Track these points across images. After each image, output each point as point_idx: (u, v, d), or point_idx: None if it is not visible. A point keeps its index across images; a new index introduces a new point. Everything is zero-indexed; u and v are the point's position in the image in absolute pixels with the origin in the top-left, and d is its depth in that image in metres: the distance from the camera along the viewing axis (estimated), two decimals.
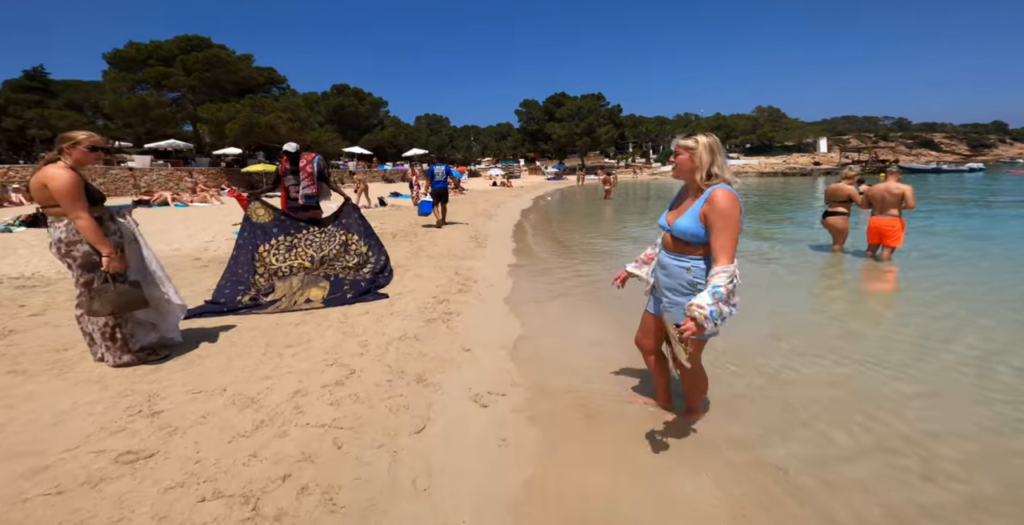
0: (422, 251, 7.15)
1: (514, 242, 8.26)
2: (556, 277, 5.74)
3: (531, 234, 9.68)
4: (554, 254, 7.36)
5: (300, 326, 3.83)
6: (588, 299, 4.76)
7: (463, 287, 5.04)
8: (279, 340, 3.52)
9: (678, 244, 2.02)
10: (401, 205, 16.09)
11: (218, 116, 21.08)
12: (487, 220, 11.33)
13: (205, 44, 23.99)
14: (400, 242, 8.06)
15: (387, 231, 9.14)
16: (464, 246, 7.57)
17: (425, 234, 8.86)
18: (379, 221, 10.77)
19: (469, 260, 6.56)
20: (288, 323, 3.91)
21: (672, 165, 2.06)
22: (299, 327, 3.81)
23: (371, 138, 44.01)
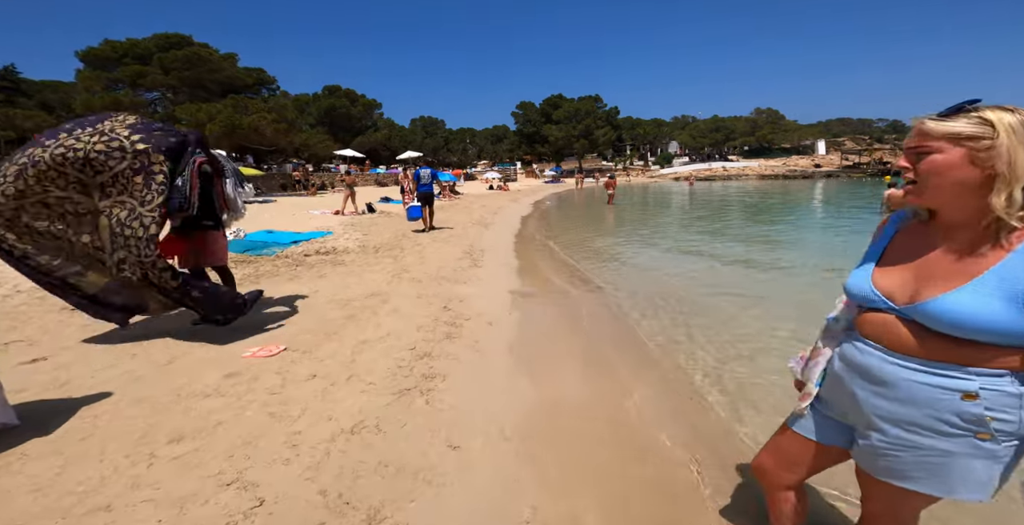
0: (406, 272, 6.00)
1: (516, 258, 7.13)
2: (575, 311, 4.61)
3: (536, 248, 8.55)
4: (566, 275, 6.23)
5: (211, 398, 2.68)
6: (629, 350, 3.64)
7: (453, 329, 3.89)
8: (168, 422, 2.37)
9: (941, 343, 0.95)
10: (391, 211, 14.94)
11: (197, 117, 19.86)
12: (483, 230, 10.19)
13: (185, 42, 22.80)
14: (382, 258, 6.91)
15: (370, 244, 7.99)
16: (456, 265, 6.43)
17: (412, 247, 7.72)
18: (363, 231, 9.62)
19: (462, 285, 5.41)
20: (197, 390, 2.76)
21: (899, 174, 0.97)
22: (209, 399, 2.66)
23: (364, 140, 42.86)
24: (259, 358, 3.28)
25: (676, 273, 6.25)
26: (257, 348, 3.43)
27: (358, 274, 5.91)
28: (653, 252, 7.87)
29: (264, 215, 12.28)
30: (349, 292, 5.04)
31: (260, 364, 3.18)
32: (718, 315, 4.42)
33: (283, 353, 3.37)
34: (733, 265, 6.71)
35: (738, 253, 7.58)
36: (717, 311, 4.55)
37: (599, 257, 7.55)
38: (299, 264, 6.45)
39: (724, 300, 4.91)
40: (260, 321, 4.07)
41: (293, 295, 4.94)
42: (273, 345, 3.48)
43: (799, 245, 8.38)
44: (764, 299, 4.92)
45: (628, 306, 4.76)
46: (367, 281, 5.54)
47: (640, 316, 4.44)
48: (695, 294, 5.18)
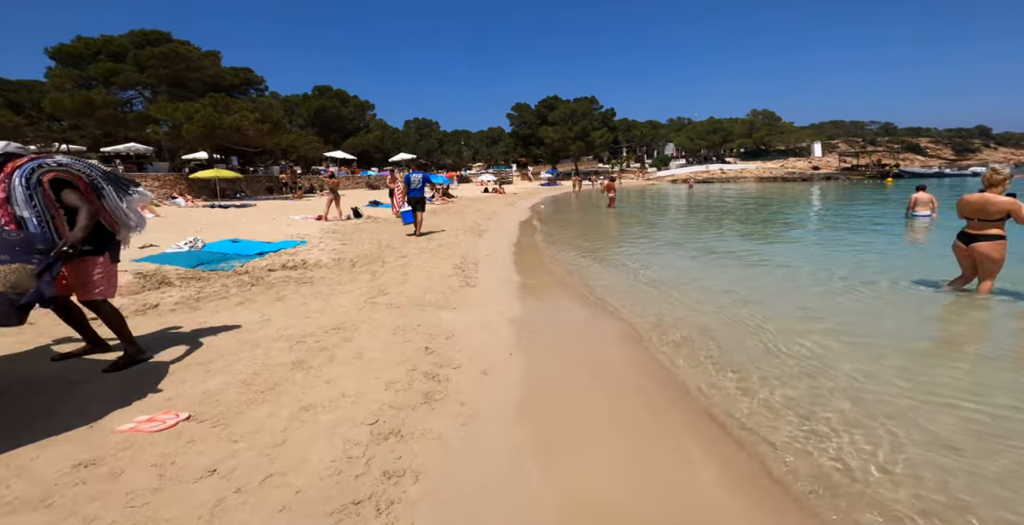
0: (383, 294, 4.97)
1: (516, 273, 6.11)
2: (597, 351, 3.61)
3: (538, 260, 7.54)
4: (577, 296, 5.22)
5: (15, 516, 1.64)
6: (675, 410, 2.63)
7: (435, 385, 2.87)
8: None
9: None
10: (379, 216, 13.92)
11: (174, 116, 18.73)
12: (477, 238, 9.17)
13: (163, 39, 21.67)
14: (359, 275, 5.88)
15: (347, 256, 6.94)
16: (445, 284, 5.40)
17: (396, 261, 6.69)
18: (343, 240, 8.57)
19: (451, 312, 4.40)
20: None
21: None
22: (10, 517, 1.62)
23: (355, 142, 41.74)
24: (142, 433, 2.24)
25: (714, 291, 5.25)
26: (145, 417, 2.39)
27: (325, 297, 4.87)
28: (674, 263, 6.88)
29: (238, 221, 11.21)
30: (308, 324, 4.00)
31: (140, 444, 2.15)
32: (793, 354, 3.42)
33: (183, 424, 2.34)
34: (783, 279, 5.73)
35: (781, 260, 6.61)
36: (790, 347, 3.54)
37: (611, 271, 6.55)
38: (257, 282, 5.40)
39: (801, 324, 3.92)
40: (165, 370, 3.02)
41: (234, 326, 3.90)
42: (171, 412, 2.45)
43: (848, 251, 7.43)
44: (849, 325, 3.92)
45: (663, 341, 3.75)
46: (334, 307, 4.51)
47: (679, 354, 3.44)
48: (748, 322, 4.18)
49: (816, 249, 8.13)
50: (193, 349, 3.43)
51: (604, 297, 5.15)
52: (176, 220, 10.69)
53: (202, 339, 3.65)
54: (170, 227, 9.50)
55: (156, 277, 5.47)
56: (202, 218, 11.30)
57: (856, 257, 7.00)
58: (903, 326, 4.09)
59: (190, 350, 3.41)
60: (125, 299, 4.61)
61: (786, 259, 7.03)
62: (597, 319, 4.40)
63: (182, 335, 3.74)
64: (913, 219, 11.23)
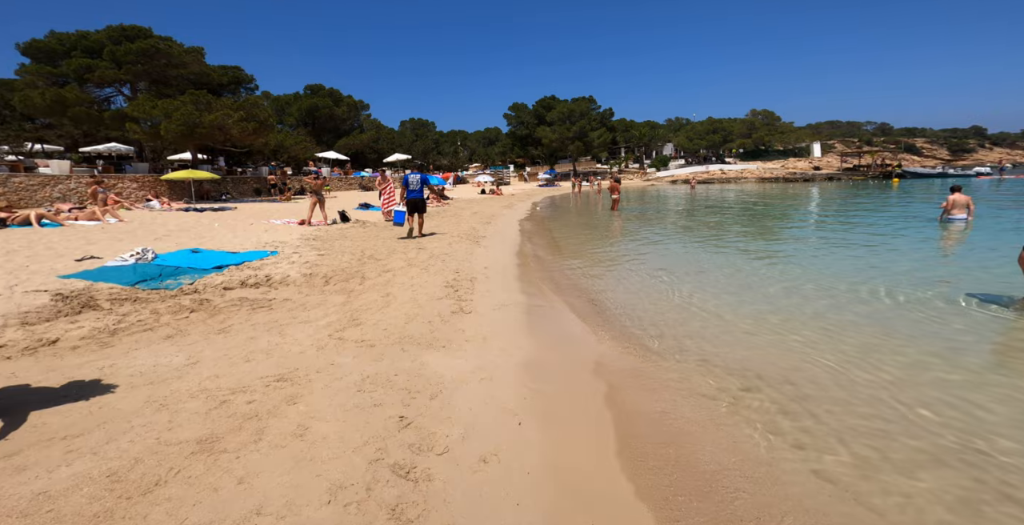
0: (356, 322, 3.98)
1: (522, 294, 5.11)
2: (656, 417, 2.64)
3: (545, 274, 6.55)
4: (601, 324, 4.24)
5: None
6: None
7: (406, 488, 1.89)
8: None
9: None
10: (368, 220, 12.92)
11: (152, 114, 17.63)
12: (474, 247, 8.16)
13: (143, 34, 20.56)
14: (330, 295, 4.88)
15: (322, 270, 5.93)
16: (434, 308, 4.41)
17: (378, 276, 5.69)
18: (321, 249, 7.55)
19: (438, 351, 3.41)
20: None
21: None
22: None
23: (349, 142, 40.64)
24: None
25: (786, 318, 4.28)
26: None
27: (281, 328, 3.88)
28: (716, 278, 5.92)
29: (210, 226, 10.17)
30: (246, 371, 3.01)
31: None
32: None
33: None
34: (854, 300, 4.76)
35: (835, 272, 5.65)
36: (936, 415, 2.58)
37: (641, 288, 5.57)
38: (200, 306, 4.39)
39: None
40: (6, 449, 2.03)
41: (146, 373, 2.90)
42: None
43: (902, 259, 6.49)
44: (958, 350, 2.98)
45: (737, 400, 2.78)
46: (288, 344, 3.51)
47: (783, 429, 2.46)
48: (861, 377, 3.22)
49: (864, 258, 7.18)
50: (72, 411, 2.45)
51: (631, 326, 4.17)
52: (139, 226, 9.65)
53: (94, 394, 2.66)
54: (128, 234, 8.47)
55: (80, 299, 4.46)
56: (170, 223, 10.26)
57: (912, 268, 6.05)
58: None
59: (68, 412, 2.42)
60: (19, 332, 3.59)
61: (838, 271, 6.07)
62: (647, 363, 3.41)
63: (71, 387, 2.75)
64: (948, 223, 10.33)
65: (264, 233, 9.56)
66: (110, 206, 13.57)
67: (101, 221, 9.82)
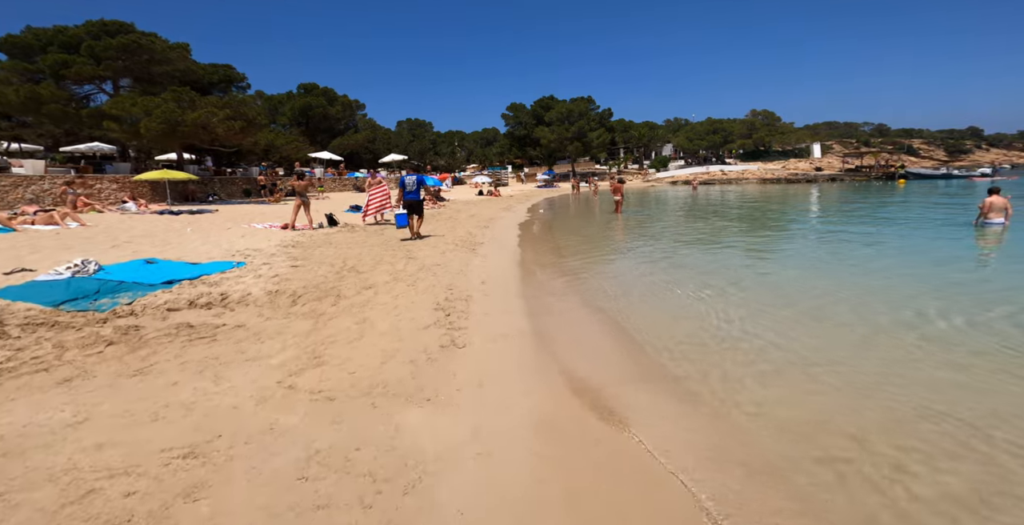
0: (317, 361, 3.13)
1: (527, 317, 4.26)
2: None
3: (554, 289, 5.71)
4: (631, 363, 3.40)
5: None
6: None
7: None
8: None
9: None
10: (358, 224, 12.06)
11: (131, 111, 16.70)
12: (470, 255, 7.31)
13: (124, 29, 19.64)
14: (296, 320, 4.02)
15: (291, 285, 5.07)
16: (419, 341, 3.56)
17: (356, 294, 4.83)
18: (297, 259, 6.69)
19: (420, 408, 2.58)
20: None
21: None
22: None
23: (343, 142, 39.72)
24: None
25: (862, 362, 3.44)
26: None
27: (219, 368, 3.03)
28: (753, 298, 5.08)
29: (182, 231, 9.29)
30: (146, 437, 2.16)
31: None
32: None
33: None
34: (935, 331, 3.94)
35: (896, 299, 4.82)
36: None
37: (660, 308, 4.73)
38: (122, 338, 3.52)
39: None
40: None
41: (10, 437, 2.04)
42: None
43: (953, 271, 5.67)
44: None
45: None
46: (221, 393, 2.66)
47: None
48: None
49: (909, 270, 6.36)
50: None
51: (666, 361, 3.32)
52: (102, 231, 8.76)
53: None
54: (84, 241, 7.59)
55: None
56: (137, 227, 9.37)
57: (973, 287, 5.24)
58: None
59: None
60: None
61: (910, 290, 5.25)
62: (712, 430, 2.56)
63: None
64: (985, 227, 9.55)
65: (240, 239, 8.69)
66: (79, 208, 12.69)
67: (60, 225, 8.93)
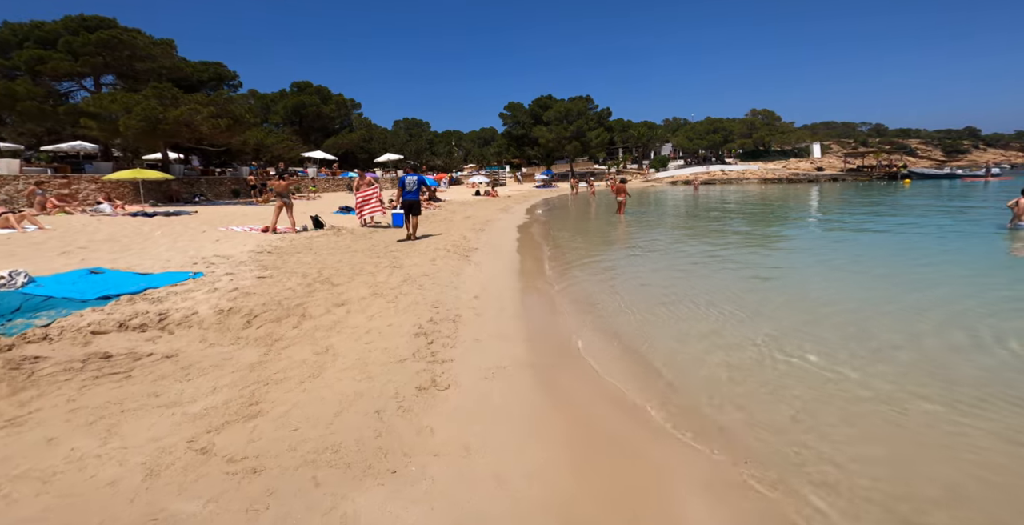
0: (254, 411, 2.39)
1: (526, 345, 3.53)
2: None
3: (559, 306, 4.98)
4: (668, 410, 2.67)
5: None
6: None
7: None
8: None
9: None
10: (346, 226, 11.32)
11: (110, 108, 15.91)
12: (463, 264, 6.55)
13: (105, 25, 18.84)
14: (243, 349, 3.28)
15: (248, 303, 4.31)
16: (391, 379, 2.81)
17: (325, 313, 4.09)
18: (266, 268, 5.93)
19: (378, 487, 1.82)
20: None
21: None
22: None
23: (337, 142, 38.91)
24: None
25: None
26: None
27: (118, 418, 2.29)
28: (794, 317, 4.36)
29: (150, 235, 8.52)
30: None
31: None
32: None
33: None
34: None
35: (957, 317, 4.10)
36: None
37: (690, 333, 4.00)
38: (19, 367, 2.78)
39: None
40: None
41: None
42: None
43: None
44: None
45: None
46: (104, 460, 1.91)
47: None
48: None
49: (952, 281, 5.65)
50: None
51: (745, 418, 2.59)
52: (60, 235, 7.99)
53: None
54: (31, 248, 6.82)
55: None
56: (102, 231, 8.60)
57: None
58: None
59: None
60: None
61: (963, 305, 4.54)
62: None
63: None
64: (1018, 230, 8.88)
65: (212, 244, 7.93)
66: (48, 210, 11.90)
67: (16, 229, 8.16)
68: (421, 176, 9.22)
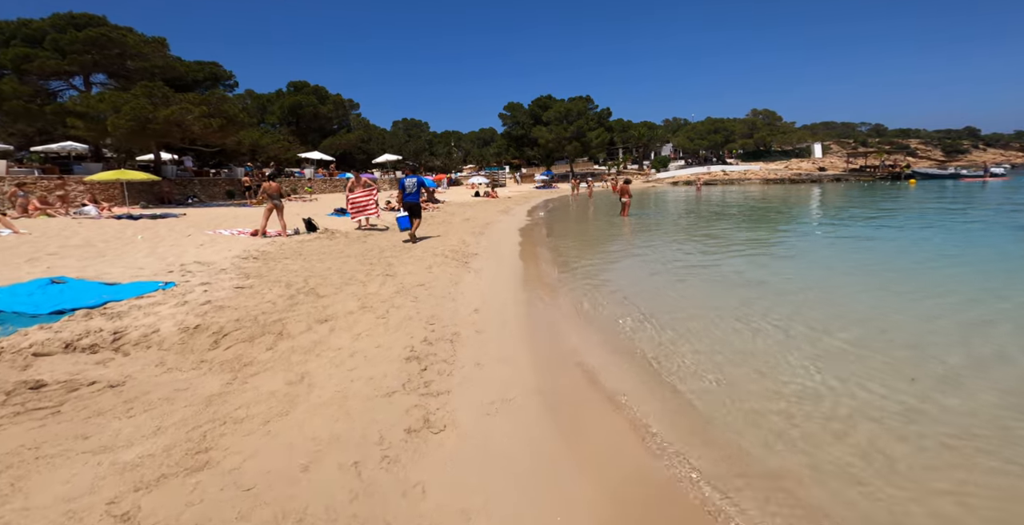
0: (200, 462, 1.91)
1: (533, 370, 3.06)
2: None
3: (570, 321, 4.51)
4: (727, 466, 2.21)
5: None
6: None
7: None
8: None
9: None
10: (340, 229, 10.87)
11: (98, 107, 15.42)
12: (462, 271, 6.08)
13: (95, 22, 18.37)
14: (203, 376, 2.82)
15: (221, 319, 3.84)
16: (370, 423, 2.33)
17: (304, 334, 3.62)
18: (248, 277, 5.46)
19: None
20: None
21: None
22: None
23: (335, 142, 38.44)
24: None
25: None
26: None
27: (32, 466, 1.83)
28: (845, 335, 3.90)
29: (132, 239, 8.05)
30: None
31: None
32: None
33: None
34: None
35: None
36: None
37: (712, 351, 3.54)
38: None
39: None
40: None
41: None
42: None
43: None
44: None
45: None
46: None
47: None
48: None
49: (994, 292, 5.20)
50: None
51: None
52: (34, 239, 7.51)
53: None
54: (2, 252, 6.35)
55: None
56: (80, 235, 8.12)
57: None
58: None
59: None
60: None
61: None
62: None
63: None
64: None
65: (196, 248, 7.46)
66: (31, 212, 11.43)
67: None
68: (421, 178, 9.14)
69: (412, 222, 8.99)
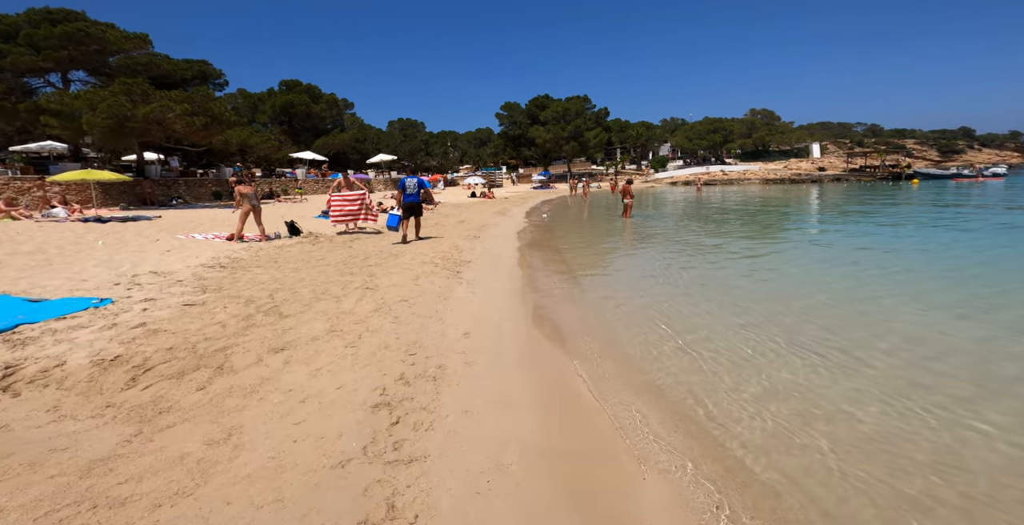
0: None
1: (532, 408, 2.38)
2: None
3: (570, 346, 3.84)
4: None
5: None
6: None
7: None
8: None
9: None
10: (325, 233, 10.18)
11: (73, 105, 14.66)
12: (452, 283, 5.37)
13: (73, 18, 17.60)
14: (100, 429, 2.10)
15: (144, 351, 3.13)
16: (308, 514, 1.65)
17: (253, 367, 2.92)
18: (204, 291, 4.75)
19: None
20: None
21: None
22: None
23: (328, 142, 37.65)
24: None
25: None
26: None
27: None
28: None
29: (91, 245, 7.32)
30: None
31: None
32: None
33: None
34: None
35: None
36: None
37: (755, 380, 2.87)
38: None
39: None
40: None
41: None
42: None
43: None
44: None
45: None
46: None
47: None
48: None
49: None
50: None
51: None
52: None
53: None
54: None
55: None
56: (34, 240, 7.39)
57: None
58: None
59: None
60: None
61: None
62: None
63: None
64: None
65: (160, 255, 6.75)
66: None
67: None
68: (420, 178, 9.18)
69: (410, 222, 9.06)
